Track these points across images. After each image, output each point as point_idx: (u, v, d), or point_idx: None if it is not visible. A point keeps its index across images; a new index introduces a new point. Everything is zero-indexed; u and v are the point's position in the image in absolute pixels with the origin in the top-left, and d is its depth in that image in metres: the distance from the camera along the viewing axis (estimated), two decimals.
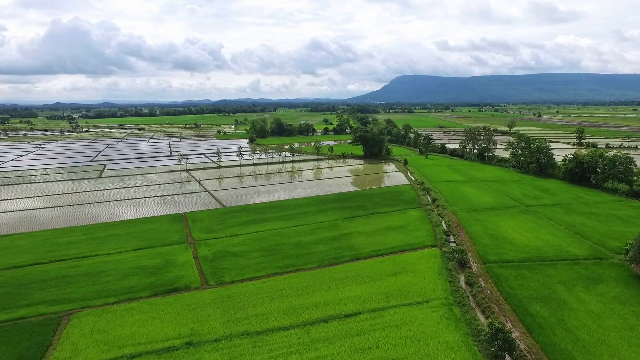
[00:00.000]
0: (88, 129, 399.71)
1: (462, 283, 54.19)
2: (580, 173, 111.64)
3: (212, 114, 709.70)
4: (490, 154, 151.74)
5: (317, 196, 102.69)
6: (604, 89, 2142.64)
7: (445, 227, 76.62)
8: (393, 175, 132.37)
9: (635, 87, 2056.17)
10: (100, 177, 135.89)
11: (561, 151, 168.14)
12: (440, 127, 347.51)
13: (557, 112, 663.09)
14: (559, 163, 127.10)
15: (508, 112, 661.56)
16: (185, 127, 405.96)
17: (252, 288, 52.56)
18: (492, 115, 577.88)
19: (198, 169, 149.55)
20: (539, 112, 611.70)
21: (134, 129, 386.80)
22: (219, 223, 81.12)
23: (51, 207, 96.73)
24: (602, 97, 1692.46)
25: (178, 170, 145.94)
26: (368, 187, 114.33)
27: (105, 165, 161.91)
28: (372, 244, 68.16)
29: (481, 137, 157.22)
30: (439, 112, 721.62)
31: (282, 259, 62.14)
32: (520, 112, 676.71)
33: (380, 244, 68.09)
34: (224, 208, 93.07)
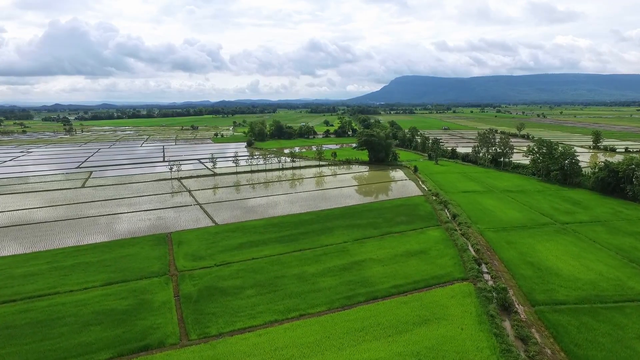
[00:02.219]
0: (82, 131, 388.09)
1: (511, 336, 42.84)
2: (614, 183, 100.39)
3: (211, 116, 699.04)
4: (507, 160, 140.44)
5: (321, 211, 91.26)
6: (604, 89, 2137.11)
7: (474, 253, 65.30)
8: (403, 185, 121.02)
9: (635, 87, 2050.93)
10: (83, 186, 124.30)
11: (580, 156, 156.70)
12: (444, 129, 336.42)
13: (561, 112, 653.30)
14: (584, 170, 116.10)
15: (511, 113, 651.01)
16: (182, 129, 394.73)
17: (245, 345, 41.15)
18: (496, 116, 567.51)
19: (191, 177, 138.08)
20: (543, 113, 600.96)
21: (129, 132, 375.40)
22: (208, 246, 69.71)
23: (18, 224, 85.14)
24: (602, 98, 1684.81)
25: (169, 179, 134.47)
26: (377, 199, 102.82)
27: (91, 172, 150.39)
28: (391, 276, 56.81)
29: (496, 142, 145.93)
30: (440, 113, 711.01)
31: (282, 299, 50.75)
32: (523, 112, 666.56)
33: (401, 276, 56.75)
34: (216, 226, 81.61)
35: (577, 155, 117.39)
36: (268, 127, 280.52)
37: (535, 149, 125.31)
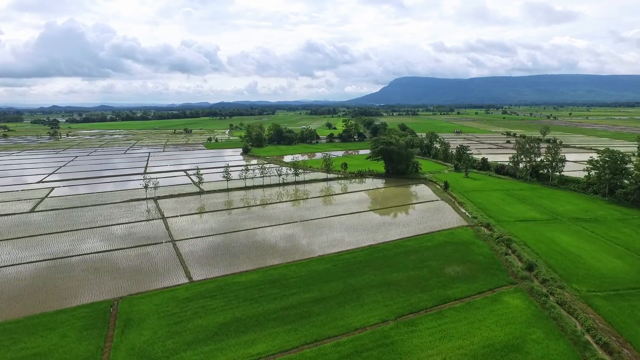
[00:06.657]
0: (67, 135, 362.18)
1: None
2: None
3: (208, 118, 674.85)
4: (557, 173, 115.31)
5: (338, 255, 65.91)
6: (603, 90, 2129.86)
7: (601, 351, 39.98)
8: (437, 208, 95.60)
9: (633, 87, 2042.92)
10: (32, 211, 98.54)
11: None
12: (457, 132, 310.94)
13: (570, 114, 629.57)
14: None
15: (517, 115, 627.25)
16: (174, 133, 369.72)
17: None
18: (504, 118, 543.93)
19: (171, 196, 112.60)
20: (553, 115, 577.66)
21: (117, 136, 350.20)
22: (170, 332, 44.31)
23: None
24: (601, 98, 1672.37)
25: (144, 199, 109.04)
26: (412, 233, 76.51)
27: (52, 189, 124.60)
28: None
29: (541, 152, 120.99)
30: (444, 114, 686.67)
31: None
32: (531, 114, 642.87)
33: None
34: (189, 285, 56.19)
35: None
36: (267, 130, 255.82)
37: (600, 163, 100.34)
